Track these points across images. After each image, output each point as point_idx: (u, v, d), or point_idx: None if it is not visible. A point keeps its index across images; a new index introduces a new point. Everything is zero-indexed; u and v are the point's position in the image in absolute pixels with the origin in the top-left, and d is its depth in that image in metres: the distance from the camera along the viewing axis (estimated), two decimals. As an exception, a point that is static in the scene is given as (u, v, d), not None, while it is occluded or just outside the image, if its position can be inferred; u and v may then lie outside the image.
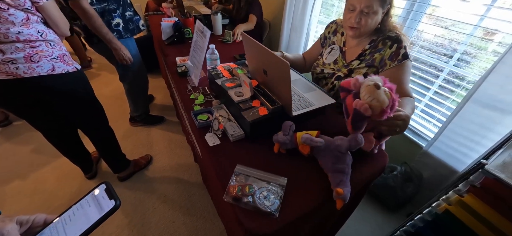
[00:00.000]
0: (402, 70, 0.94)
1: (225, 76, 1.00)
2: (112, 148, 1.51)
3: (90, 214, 0.41)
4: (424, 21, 1.40)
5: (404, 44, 0.93)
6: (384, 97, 0.59)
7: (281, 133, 0.75)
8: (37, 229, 0.41)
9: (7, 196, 1.50)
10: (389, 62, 0.95)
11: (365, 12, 0.91)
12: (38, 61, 1.00)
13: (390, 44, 0.95)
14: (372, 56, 0.99)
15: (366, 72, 1.00)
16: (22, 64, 0.97)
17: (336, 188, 0.63)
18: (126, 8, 1.49)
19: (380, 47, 0.97)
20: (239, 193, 0.62)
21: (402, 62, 0.92)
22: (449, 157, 1.31)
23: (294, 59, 1.27)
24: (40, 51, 1.00)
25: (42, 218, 0.42)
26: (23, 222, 0.40)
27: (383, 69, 0.96)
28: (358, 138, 0.64)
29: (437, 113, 1.44)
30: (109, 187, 0.44)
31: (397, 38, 0.94)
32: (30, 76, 0.99)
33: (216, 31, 1.85)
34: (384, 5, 0.91)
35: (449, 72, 1.35)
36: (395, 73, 0.94)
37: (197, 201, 1.52)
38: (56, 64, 1.05)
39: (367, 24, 0.93)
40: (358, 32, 0.97)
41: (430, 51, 1.42)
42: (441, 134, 1.29)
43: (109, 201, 0.42)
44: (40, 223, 0.42)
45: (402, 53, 0.92)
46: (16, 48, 0.94)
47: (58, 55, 1.06)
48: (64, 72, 1.07)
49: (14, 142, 1.91)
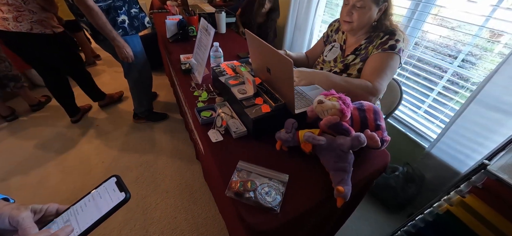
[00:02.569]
0: (381, 59, 0.92)
1: (228, 74, 1.01)
2: (89, 84, 2.12)
3: (101, 206, 0.42)
4: (429, 22, 1.39)
5: (396, 37, 0.92)
6: (331, 102, 0.70)
7: (284, 130, 0.76)
8: (50, 218, 0.43)
9: (12, 189, 1.53)
10: (374, 50, 0.94)
11: (357, 6, 0.91)
12: (21, 22, 1.46)
13: (382, 35, 0.95)
14: (367, 50, 0.99)
15: (360, 67, 1.01)
16: (12, 22, 1.44)
17: (337, 186, 0.63)
18: (132, 5, 1.50)
19: (374, 40, 0.97)
20: (241, 189, 0.63)
21: (386, 51, 0.91)
22: (451, 159, 1.30)
23: (297, 57, 1.27)
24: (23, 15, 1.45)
25: (55, 207, 0.43)
26: (37, 210, 0.41)
27: None
28: (361, 138, 0.64)
29: (440, 115, 1.43)
30: (120, 180, 0.45)
31: (392, 31, 0.94)
32: (17, 31, 1.46)
33: (220, 29, 1.86)
34: (378, 3, 0.91)
35: (453, 73, 1.34)
36: (373, 61, 0.93)
37: (199, 198, 1.53)
38: (34, 25, 1.49)
39: (359, 19, 0.93)
40: (350, 26, 0.97)
41: (434, 51, 1.41)
42: (444, 135, 1.29)
43: (120, 193, 0.43)
44: (52, 212, 0.43)
45: (390, 44, 0.91)
46: (7, 10, 1.41)
47: (37, 20, 1.49)
48: (40, 33, 1.53)
49: (19, 137, 1.94)
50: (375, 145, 0.70)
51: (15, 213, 0.38)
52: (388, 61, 0.91)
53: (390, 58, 0.91)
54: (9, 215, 0.38)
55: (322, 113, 0.72)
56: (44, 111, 2.24)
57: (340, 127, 0.68)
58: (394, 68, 0.94)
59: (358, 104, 0.79)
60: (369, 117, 0.76)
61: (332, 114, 0.69)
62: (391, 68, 0.92)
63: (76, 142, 1.90)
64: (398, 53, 0.91)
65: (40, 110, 2.23)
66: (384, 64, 0.91)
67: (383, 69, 0.91)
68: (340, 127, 0.68)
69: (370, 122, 0.76)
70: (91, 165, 1.72)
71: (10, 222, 0.38)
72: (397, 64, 0.94)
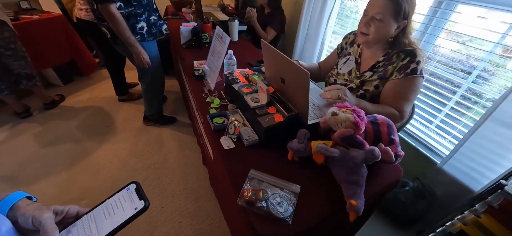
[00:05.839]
0: (405, 84, 0.92)
1: (241, 81, 1.02)
2: (120, 76, 2.33)
3: (120, 213, 0.42)
4: (442, 36, 1.38)
5: (418, 59, 0.91)
6: (345, 114, 0.69)
7: (296, 140, 0.76)
8: (70, 220, 0.43)
9: (22, 185, 1.55)
10: (396, 74, 0.94)
11: (376, 19, 0.91)
12: (89, 13, 1.81)
13: (403, 57, 0.94)
14: (385, 69, 0.98)
15: (377, 84, 1.00)
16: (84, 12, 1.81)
17: (350, 200, 0.63)
18: (152, 13, 1.56)
19: (394, 60, 0.97)
20: (252, 197, 0.63)
21: (409, 77, 0.91)
22: (464, 176, 1.27)
23: (309, 67, 1.28)
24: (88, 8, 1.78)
25: (75, 209, 0.44)
26: (58, 211, 0.42)
27: (388, 80, 0.96)
28: (375, 151, 0.64)
29: (453, 130, 1.40)
30: (139, 187, 0.45)
31: (412, 52, 0.93)
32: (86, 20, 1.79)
33: (233, 37, 1.89)
34: (398, 19, 0.90)
35: (466, 88, 1.32)
36: (397, 86, 0.93)
37: (204, 204, 1.53)
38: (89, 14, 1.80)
39: (376, 32, 0.93)
40: (366, 38, 0.97)
41: (446, 66, 1.40)
42: (457, 151, 1.26)
43: (139, 201, 0.43)
44: (73, 214, 0.43)
45: (412, 67, 0.91)
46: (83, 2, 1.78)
47: None
48: None
49: (30, 135, 1.98)
50: (389, 159, 0.69)
51: (38, 214, 0.39)
52: (411, 86, 0.92)
53: (412, 82, 0.92)
54: (32, 215, 0.38)
55: (336, 125, 0.72)
56: (57, 110, 2.30)
57: (354, 140, 0.68)
58: (417, 90, 0.95)
59: (372, 117, 0.79)
60: (383, 131, 0.76)
61: (346, 127, 0.69)
62: (415, 92, 0.94)
63: (86, 142, 1.94)
64: (421, 74, 0.91)
65: (53, 109, 2.29)
66: (408, 89, 0.92)
67: (407, 96, 0.92)
68: (354, 139, 0.68)
69: (384, 136, 0.75)
70: (99, 165, 1.74)
71: (33, 222, 0.38)
72: (420, 85, 0.95)
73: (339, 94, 0.88)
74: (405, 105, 0.93)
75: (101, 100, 2.46)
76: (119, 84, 2.36)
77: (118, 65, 2.20)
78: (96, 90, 2.65)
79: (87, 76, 2.86)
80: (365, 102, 0.96)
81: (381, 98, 1.01)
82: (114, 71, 2.26)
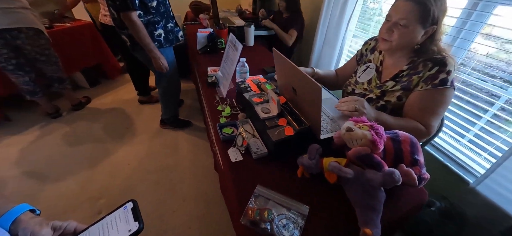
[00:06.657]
0: (433, 97, 0.82)
1: (253, 90, 0.99)
2: (143, 78, 2.44)
3: (113, 234, 0.42)
4: (478, 41, 1.24)
5: (448, 68, 0.81)
6: (362, 131, 0.64)
7: (307, 156, 0.71)
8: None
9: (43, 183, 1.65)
10: (422, 84, 0.84)
11: (400, 25, 0.83)
12: None
13: (431, 66, 0.84)
14: (410, 78, 0.88)
15: (400, 95, 0.91)
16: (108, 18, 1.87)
17: (364, 229, 0.56)
18: (169, 20, 1.60)
19: (420, 69, 0.87)
20: (257, 217, 0.60)
21: (437, 88, 0.81)
22: (502, 199, 1.12)
23: (325, 75, 1.22)
24: None
25: (73, 226, 0.44)
26: (57, 227, 0.43)
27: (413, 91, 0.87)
28: (395, 175, 0.57)
29: (489, 147, 1.25)
30: (136, 207, 0.45)
31: (441, 60, 0.83)
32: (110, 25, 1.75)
33: (249, 42, 1.87)
34: (425, 25, 0.81)
35: (507, 100, 1.17)
36: (424, 98, 0.84)
37: (213, 209, 1.52)
38: None
39: (399, 39, 0.84)
40: (389, 45, 0.88)
41: (481, 72, 1.25)
42: (494, 170, 1.12)
43: (134, 222, 0.43)
44: (70, 231, 0.44)
45: (440, 78, 0.81)
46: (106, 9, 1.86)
47: None
48: None
49: (56, 135, 2.12)
50: (411, 183, 0.61)
51: (37, 229, 0.40)
52: (440, 98, 0.82)
53: (442, 94, 0.82)
54: (32, 230, 0.39)
55: (351, 142, 0.66)
56: (84, 111, 2.44)
57: (371, 160, 0.62)
58: (447, 103, 0.84)
59: (393, 133, 0.71)
60: (405, 149, 0.68)
61: (362, 144, 0.63)
62: (444, 105, 0.84)
63: (107, 142, 2.03)
64: (452, 85, 0.81)
65: (80, 110, 2.44)
66: (436, 102, 0.82)
67: (435, 109, 0.82)
68: (371, 159, 0.62)
69: (406, 155, 0.68)
70: (118, 165, 1.81)
71: None
72: (451, 97, 0.84)
73: (357, 106, 0.81)
74: (432, 120, 0.84)
75: (123, 102, 2.58)
76: (141, 85, 2.45)
77: (139, 68, 2.28)
78: (119, 92, 2.79)
79: (113, 79, 3.02)
80: (386, 115, 0.88)
81: (404, 111, 0.92)
82: (134, 74, 2.35)
